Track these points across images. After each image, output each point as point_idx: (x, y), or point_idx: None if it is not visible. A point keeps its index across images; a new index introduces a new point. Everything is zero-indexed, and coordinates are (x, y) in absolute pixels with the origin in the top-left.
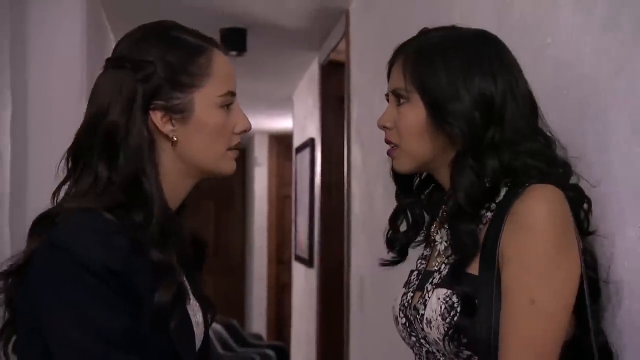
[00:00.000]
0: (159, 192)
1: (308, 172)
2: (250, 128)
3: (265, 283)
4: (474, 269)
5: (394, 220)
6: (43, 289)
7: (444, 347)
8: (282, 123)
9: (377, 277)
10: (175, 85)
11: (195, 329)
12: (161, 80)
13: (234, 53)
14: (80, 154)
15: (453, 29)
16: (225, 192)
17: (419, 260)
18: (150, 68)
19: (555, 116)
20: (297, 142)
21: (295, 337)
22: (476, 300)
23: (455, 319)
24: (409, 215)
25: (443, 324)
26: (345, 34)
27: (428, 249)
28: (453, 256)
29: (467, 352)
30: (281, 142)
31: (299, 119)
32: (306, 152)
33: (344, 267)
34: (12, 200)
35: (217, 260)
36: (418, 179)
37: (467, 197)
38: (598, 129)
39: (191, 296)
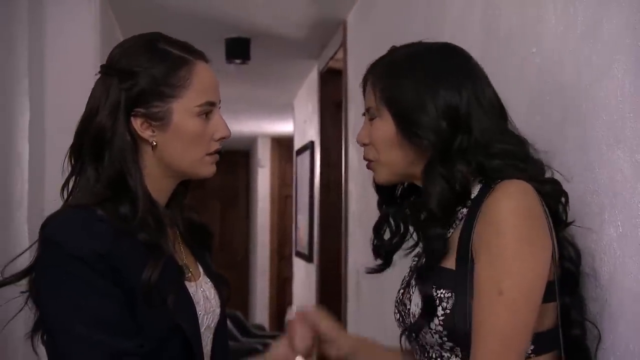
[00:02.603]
0: (142, 188)
1: (308, 173)
2: (229, 135)
3: (268, 277)
4: (451, 264)
5: (377, 229)
6: (41, 284)
7: (429, 338)
8: (283, 127)
9: None
10: (156, 95)
11: (205, 304)
12: (143, 90)
13: (238, 61)
14: (77, 152)
15: (419, 44)
16: (230, 192)
17: (414, 258)
18: (134, 78)
19: (540, 120)
20: (297, 145)
21: None
22: (454, 294)
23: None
24: (392, 223)
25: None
26: (343, 44)
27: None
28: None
29: (449, 344)
30: (283, 145)
31: (300, 123)
32: (306, 155)
33: (342, 262)
34: (30, 199)
35: (222, 255)
36: (401, 188)
37: (438, 203)
38: (579, 132)
39: (202, 274)
